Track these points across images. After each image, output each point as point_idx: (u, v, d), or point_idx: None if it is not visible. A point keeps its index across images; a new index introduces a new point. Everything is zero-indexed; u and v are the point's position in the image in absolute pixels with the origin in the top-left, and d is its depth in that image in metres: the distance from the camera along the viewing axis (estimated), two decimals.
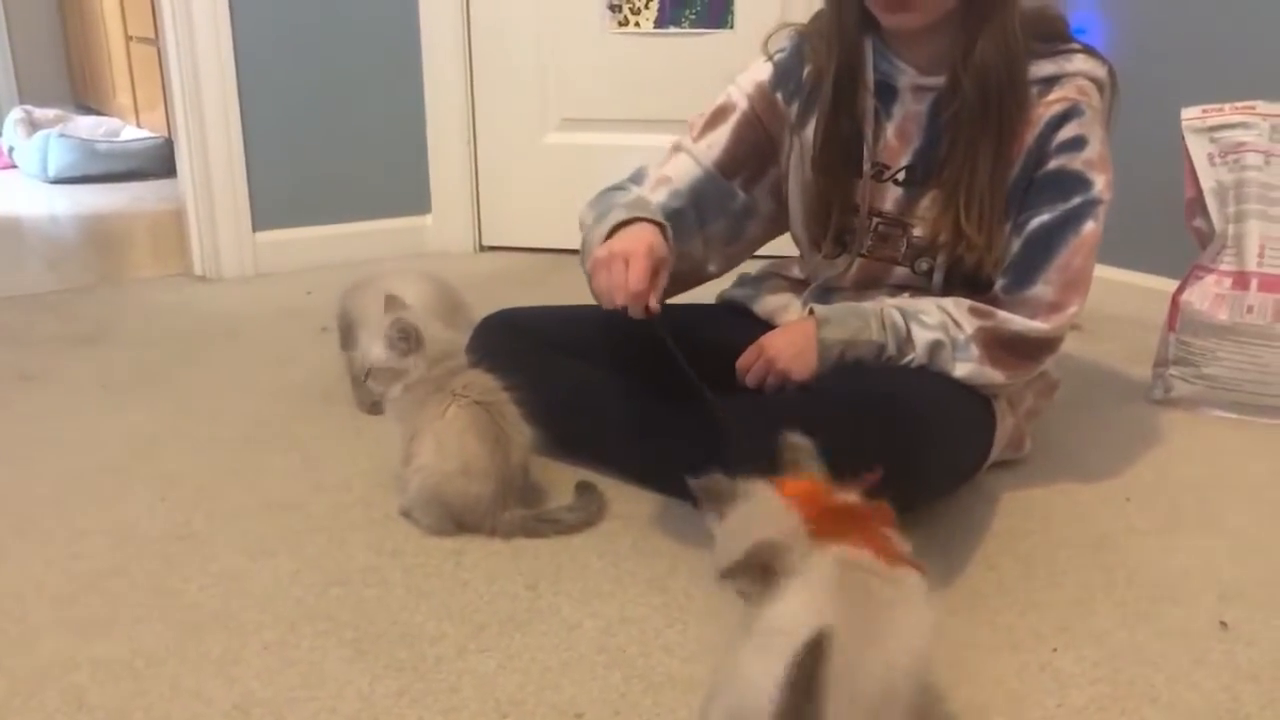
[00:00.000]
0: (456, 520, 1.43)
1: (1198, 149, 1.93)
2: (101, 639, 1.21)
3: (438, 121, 2.96)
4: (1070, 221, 1.41)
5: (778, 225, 1.66)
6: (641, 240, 1.33)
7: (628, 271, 1.29)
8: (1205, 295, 1.89)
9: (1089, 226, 1.41)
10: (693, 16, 2.86)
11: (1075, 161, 1.41)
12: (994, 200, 1.44)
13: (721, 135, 1.58)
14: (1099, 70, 1.46)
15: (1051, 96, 1.42)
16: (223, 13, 2.63)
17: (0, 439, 1.78)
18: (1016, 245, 1.44)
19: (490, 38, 2.93)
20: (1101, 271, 2.41)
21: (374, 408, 1.79)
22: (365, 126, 2.90)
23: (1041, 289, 1.41)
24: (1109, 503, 1.57)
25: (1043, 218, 1.42)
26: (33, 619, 1.26)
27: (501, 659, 1.18)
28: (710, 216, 1.59)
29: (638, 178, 1.60)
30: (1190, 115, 1.95)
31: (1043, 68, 1.44)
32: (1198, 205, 1.94)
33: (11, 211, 3.72)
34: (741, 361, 1.46)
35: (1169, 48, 2.30)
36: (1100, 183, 1.42)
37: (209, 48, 2.63)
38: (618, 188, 1.58)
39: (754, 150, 1.59)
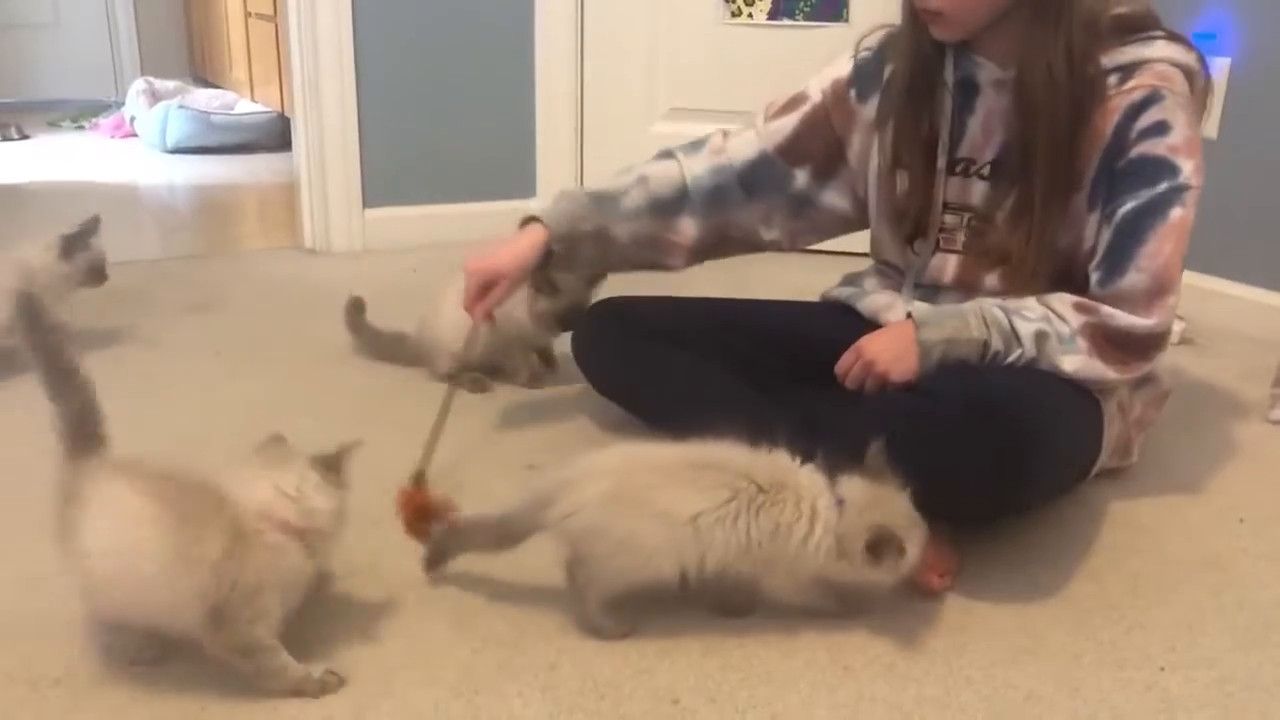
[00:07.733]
0: None
1: None
2: None
3: (547, 107, 2.99)
4: (1158, 207, 1.37)
5: (855, 223, 1.71)
6: (517, 255, 1.67)
7: (481, 297, 1.64)
8: None
9: (1177, 212, 1.37)
10: (807, 9, 2.84)
11: (1159, 147, 1.37)
12: (1063, 191, 1.42)
13: (789, 122, 1.66)
14: (1185, 56, 1.41)
15: (1130, 84, 1.39)
16: None
17: (118, 400, 1.81)
18: (1107, 235, 1.40)
19: (602, 25, 2.95)
20: (1217, 285, 2.37)
21: (533, 380, 1.95)
22: (476, 109, 2.94)
23: (1135, 277, 1.37)
24: (1221, 523, 1.53)
25: (1129, 205, 1.38)
26: None
27: (600, 640, 1.19)
28: (763, 194, 1.67)
29: (698, 144, 1.72)
30: None
31: (1120, 56, 1.40)
32: None
33: (132, 179, 3.85)
34: (840, 365, 1.44)
35: None
36: (1188, 168, 1.37)
37: (329, 27, 2.69)
38: (665, 154, 1.73)
39: (821, 145, 1.66)
